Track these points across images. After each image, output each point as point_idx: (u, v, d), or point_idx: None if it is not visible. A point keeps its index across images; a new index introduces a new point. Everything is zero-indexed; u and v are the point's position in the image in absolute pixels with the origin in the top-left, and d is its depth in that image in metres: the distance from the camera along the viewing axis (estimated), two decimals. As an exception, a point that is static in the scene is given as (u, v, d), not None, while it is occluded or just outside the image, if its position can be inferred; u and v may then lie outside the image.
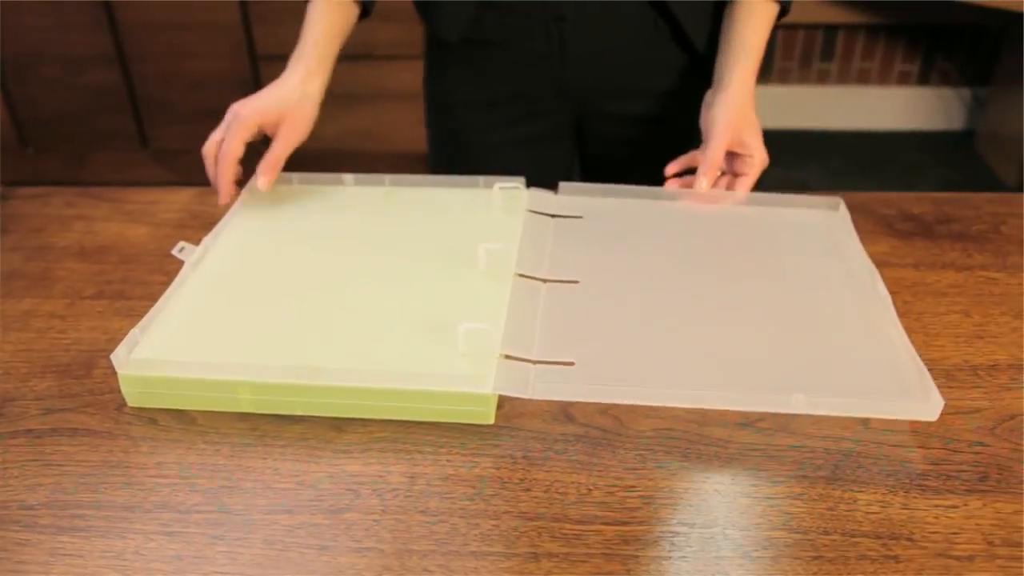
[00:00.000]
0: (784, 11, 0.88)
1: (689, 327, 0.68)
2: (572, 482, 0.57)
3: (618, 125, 1.02)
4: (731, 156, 0.85)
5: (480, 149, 1.04)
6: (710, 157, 0.82)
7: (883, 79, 2.66)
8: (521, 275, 0.72)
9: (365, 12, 0.94)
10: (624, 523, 0.54)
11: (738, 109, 0.83)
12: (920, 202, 0.89)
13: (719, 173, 0.85)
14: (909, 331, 0.68)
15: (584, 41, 0.93)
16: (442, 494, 0.57)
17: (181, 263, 0.75)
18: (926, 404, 0.60)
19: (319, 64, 0.90)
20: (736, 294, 0.72)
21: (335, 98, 2.58)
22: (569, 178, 1.02)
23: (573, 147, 1.08)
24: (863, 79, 2.66)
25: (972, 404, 0.63)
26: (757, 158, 0.83)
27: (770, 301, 0.71)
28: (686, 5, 0.91)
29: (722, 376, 0.63)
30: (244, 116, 0.85)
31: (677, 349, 0.66)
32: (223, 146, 0.84)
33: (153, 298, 0.74)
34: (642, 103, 0.99)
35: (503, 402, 0.64)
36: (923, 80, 2.65)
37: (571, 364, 0.64)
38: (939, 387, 0.62)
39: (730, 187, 0.85)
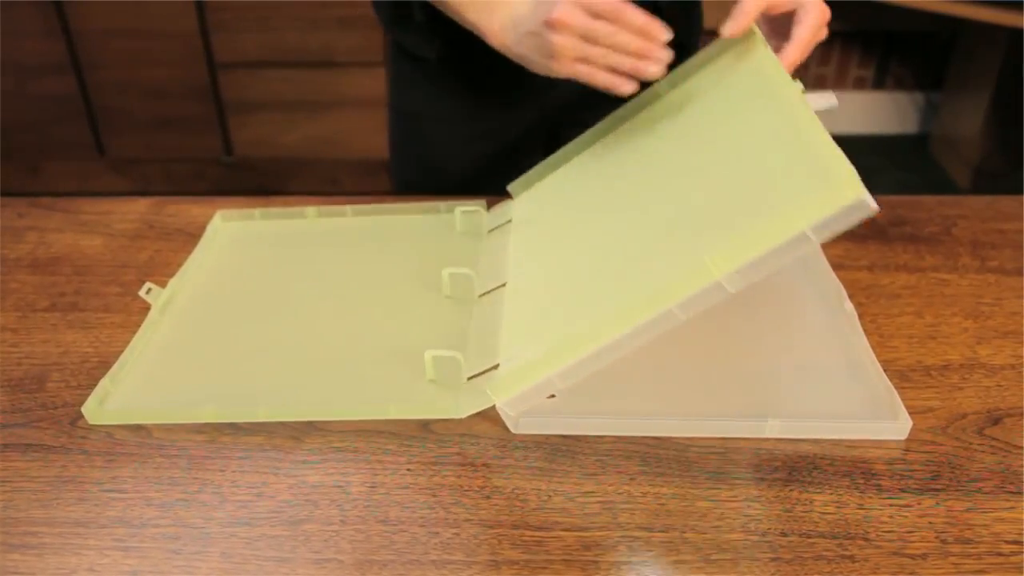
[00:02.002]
0: None
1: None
2: (532, 489, 0.58)
3: None
4: (777, 19, 0.74)
5: (449, 161, 1.03)
6: (743, 4, 0.70)
7: (839, 84, 2.70)
8: (483, 295, 0.72)
9: None
10: (584, 529, 0.55)
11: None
12: (874, 206, 0.91)
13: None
14: (863, 332, 0.69)
15: None
16: (402, 503, 0.57)
17: (137, 275, 0.74)
18: (895, 424, 0.61)
19: None
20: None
21: (295, 105, 2.56)
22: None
23: (545, 155, 1.08)
24: (820, 84, 2.70)
25: (925, 404, 0.64)
26: (807, 4, 0.72)
27: (737, 315, 0.71)
28: (678, 12, 0.90)
29: (695, 397, 0.64)
30: None
31: (646, 365, 0.66)
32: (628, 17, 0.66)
33: (108, 310, 0.73)
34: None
35: (463, 410, 0.64)
36: (878, 85, 2.70)
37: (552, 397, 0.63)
38: (893, 387, 0.63)
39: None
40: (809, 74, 2.68)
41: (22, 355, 0.70)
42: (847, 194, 0.51)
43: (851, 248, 0.83)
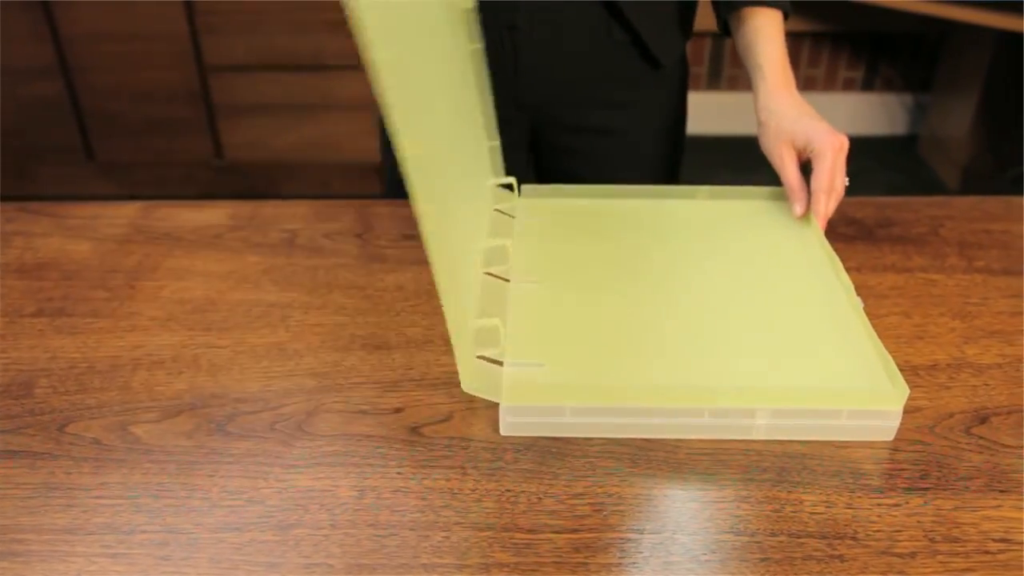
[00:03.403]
0: (786, 14, 0.87)
1: (654, 331, 0.68)
2: (522, 491, 0.58)
3: (574, 136, 1.02)
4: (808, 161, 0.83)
5: None
6: (786, 182, 0.82)
7: (829, 86, 2.71)
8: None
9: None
10: (574, 531, 0.55)
11: (783, 119, 0.83)
12: (862, 206, 0.91)
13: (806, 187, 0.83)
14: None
15: (537, 51, 0.93)
16: (392, 507, 0.56)
17: (125, 280, 0.74)
18: (892, 391, 0.61)
19: None
20: (700, 294, 0.73)
21: (285, 108, 2.56)
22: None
23: (528, 158, 1.08)
24: (810, 86, 2.71)
25: (913, 404, 0.64)
26: (818, 147, 0.79)
27: (736, 299, 0.72)
28: (645, 15, 0.90)
29: (690, 371, 0.64)
30: None
31: (640, 353, 0.66)
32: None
33: (96, 315, 0.73)
34: (599, 114, 0.99)
35: (451, 413, 0.64)
36: (867, 86, 2.72)
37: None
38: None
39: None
40: (799, 75, 2.68)
41: (9, 361, 0.70)
42: (892, 402, 0.60)
43: (839, 249, 0.83)
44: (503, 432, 0.62)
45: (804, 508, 0.56)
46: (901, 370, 0.67)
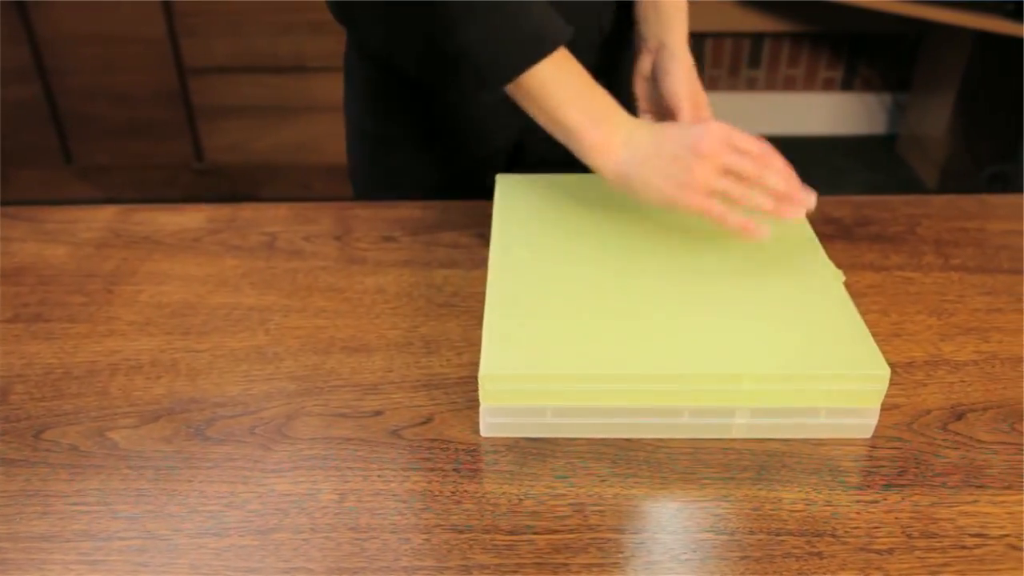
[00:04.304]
0: None
1: (631, 318, 0.67)
2: (503, 493, 0.58)
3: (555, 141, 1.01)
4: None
5: (407, 176, 1.01)
6: (703, 117, 0.80)
7: (808, 85, 2.73)
8: None
9: None
10: (555, 532, 0.55)
11: (693, 79, 0.80)
12: (840, 205, 0.92)
13: None
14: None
15: None
16: (372, 510, 0.56)
17: (103, 284, 0.73)
18: (874, 372, 0.60)
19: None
20: (679, 276, 0.71)
21: (266, 111, 2.55)
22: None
23: (507, 159, 1.08)
24: (789, 86, 2.73)
25: (890, 401, 0.65)
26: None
27: (715, 281, 0.71)
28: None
29: (672, 354, 0.63)
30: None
31: (619, 341, 0.64)
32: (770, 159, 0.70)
33: (72, 320, 0.73)
34: None
35: (432, 416, 0.64)
36: (847, 86, 2.73)
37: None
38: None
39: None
40: (779, 76, 2.71)
41: (-15, 367, 0.69)
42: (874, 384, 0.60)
43: (818, 248, 0.84)
44: (483, 433, 0.62)
45: (783, 506, 0.56)
46: (879, 368, 0.68)
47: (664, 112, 0.84)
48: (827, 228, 0.87)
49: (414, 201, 0.88)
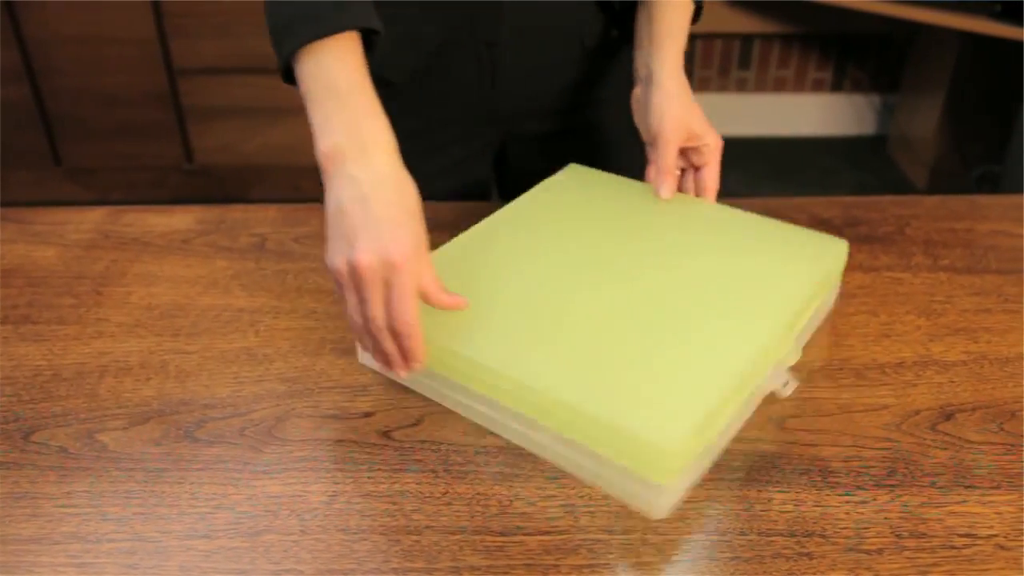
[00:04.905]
0: (698, 12, 0.86)
1: (553, 326, 0.64)
2: (494, 494, 0.57)
3: (544, 140, 1.01)
4: (685, 151, 0.80)
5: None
6: (663, 164, 0.78)
7: (798, 86, 2.74)
8: None
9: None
10: (545, 533, 0.55)
11: (680, 103, 0.79)
12: (829, 206, 0.92)
13: (679, 173, 0.81)
14: (818, 331, 0.70)
15: (515, 64, 0.92)
16: (362, 511, 0.56)
17: (92, 286, 0.73)
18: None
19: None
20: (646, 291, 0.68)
21: (256, 112, 2.54)
22: (486, 195, 1.03)
23: (492, 163, 1.08)
24: (779, 87, 2.74)
25: (880, 401, 0.65)
26: (712, 144, 0.79)
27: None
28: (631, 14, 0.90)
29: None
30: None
31: (518, 335, 0.63)
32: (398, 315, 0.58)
33: (62, 322, 0.72)
34: (575, 115, 0.99)
35: (422, 417, 0.64)
36: (836, 87, 2.74)
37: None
38: (848, 385, 0.65)
39: (696, 181, 0.81)
40: (769, 77, 2.72)
41: (-27, 369, 0.69)
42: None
43: (808, 249, 0.84)
44: (360, 359, 0.65)
45: (773, 507, 0.57)
46: (868, 368, 0.69)
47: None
48: (817, 228, 0.88)
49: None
